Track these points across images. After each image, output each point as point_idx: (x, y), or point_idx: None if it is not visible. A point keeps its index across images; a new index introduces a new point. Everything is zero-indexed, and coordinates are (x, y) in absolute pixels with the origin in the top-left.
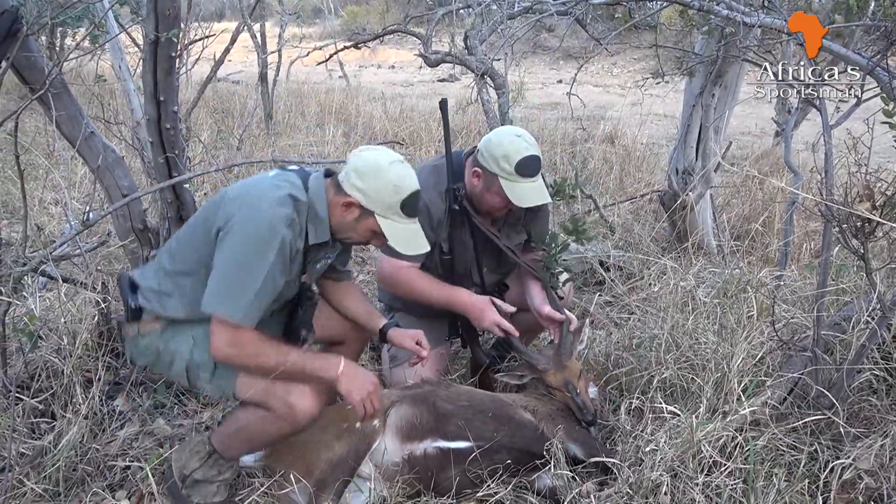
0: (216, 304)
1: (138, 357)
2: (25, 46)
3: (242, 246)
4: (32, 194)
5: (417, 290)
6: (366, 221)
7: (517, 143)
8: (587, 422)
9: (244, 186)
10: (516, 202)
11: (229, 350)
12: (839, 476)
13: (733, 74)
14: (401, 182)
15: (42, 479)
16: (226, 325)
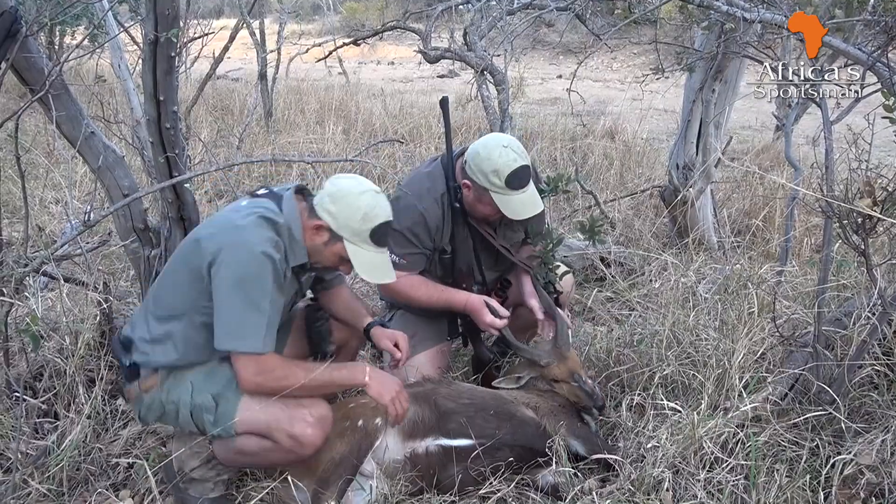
0: (233, 342)
1: (147, 415)
2: (25, 47)
3: (240, 283)
4: (33, 193)
5: (415, 297)
6: (334, 246)
7: (505, 156)
8: (598, 408)
9: (221, 222)
10: (510, 216)
11: (258, 379)
12: (840, 471)
13: (733, 70)
14: (371, 211)
15: (46, 478)
16: (247, 357)
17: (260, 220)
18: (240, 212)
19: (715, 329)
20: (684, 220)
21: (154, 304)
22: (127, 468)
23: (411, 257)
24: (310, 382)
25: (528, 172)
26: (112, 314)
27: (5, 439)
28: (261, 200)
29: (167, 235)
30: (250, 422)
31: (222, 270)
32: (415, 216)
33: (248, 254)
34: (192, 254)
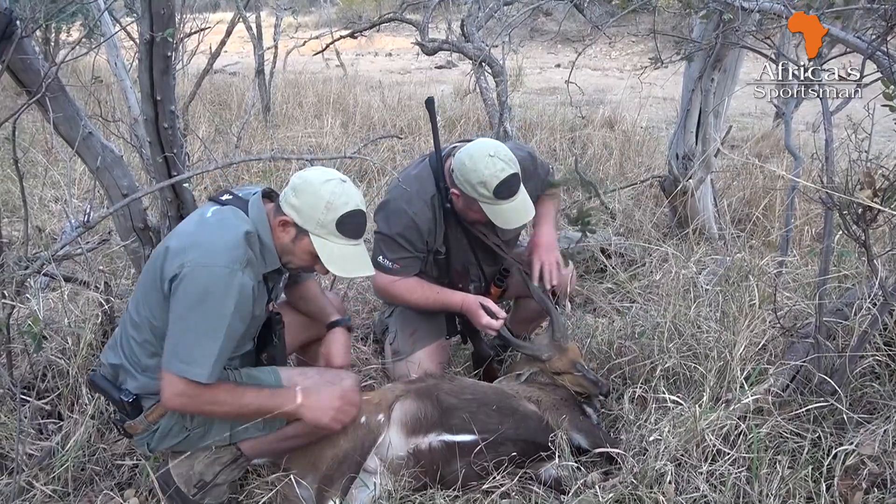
0: (180, 367)
1: (161, 443)
2: (20, 48)
3: (198, 306)
4: (32, 192)
5: (412, 301)
6: (301, 242)
7: (492, 166)
8: (604, 394)
9: (187, 238)
10: (501, 225)
11: (182, 400)
12: (842, 462)
13: (732, 58)
14: (334, 199)
15: (51, 479)
16: (181, 382)
17: (228, 236)
18: (207, 226)
19: (716, 321)
20: (684, 210)
21: (134, 328)
22: (131, 468)
23: (404, 262)
24: (237, 411)
25: (517, 180)
26: (114, 314)
27: (10, 441)
28: (227, 211)
29: (167, 233)
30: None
31: (181, 288)
32: (405, 221)
33: (211, 276)
34: (156, 270)
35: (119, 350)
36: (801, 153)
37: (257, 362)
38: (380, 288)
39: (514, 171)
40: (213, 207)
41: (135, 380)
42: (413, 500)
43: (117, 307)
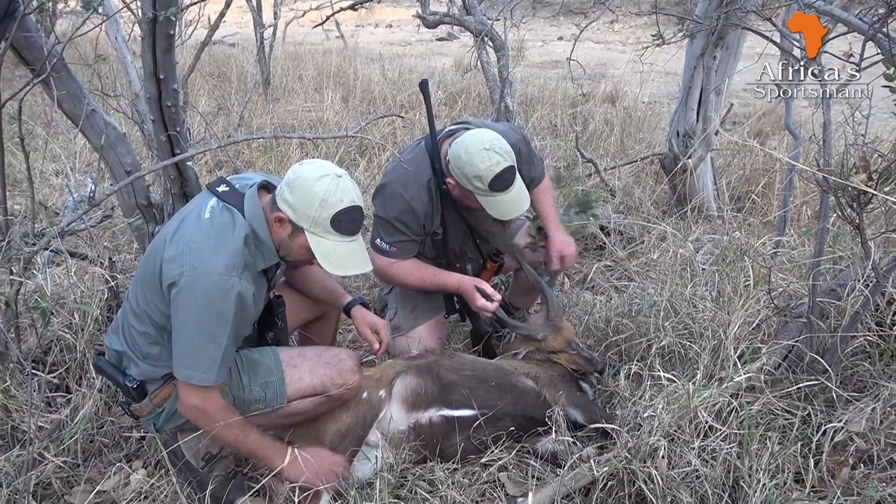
0: (188, 373)
1: (167, 423)
2: (23, 25)
3: (199, 314)
4: (33, 166)
5: (409, 283)
6: (297, 238)
7: (488, 160)
8: (599, 371)
9: (186, 242)
10: (496, 216)
11: (196, 413)
12: (831, 439)
13: (735, 35)
14: (329, 197)
15: (61, 451)
16: (194, 389)
17: (226, 242)
18: (204, 231)
19: (712, 300)
20: (684, 188)
21: (135, 318)
22: (139, 440)
23: (401, 245)
24: (235, 444)
25: (512, 173)
26: (118, 290)
27: (20, 413)
28: (223, 212)
29: (170, 211)
30: (304, 389)
31: (181, 297)
32: (402, 205)
33: (210, 284)
34: (155, 270)
35: (121, 336)
36: (801, 132)
37: (261, 342)
38: (378, 269)
39: (510, 163)
40: (210, 203)
41: (137, 366)
42: (413, 472)
43: (122, 283)
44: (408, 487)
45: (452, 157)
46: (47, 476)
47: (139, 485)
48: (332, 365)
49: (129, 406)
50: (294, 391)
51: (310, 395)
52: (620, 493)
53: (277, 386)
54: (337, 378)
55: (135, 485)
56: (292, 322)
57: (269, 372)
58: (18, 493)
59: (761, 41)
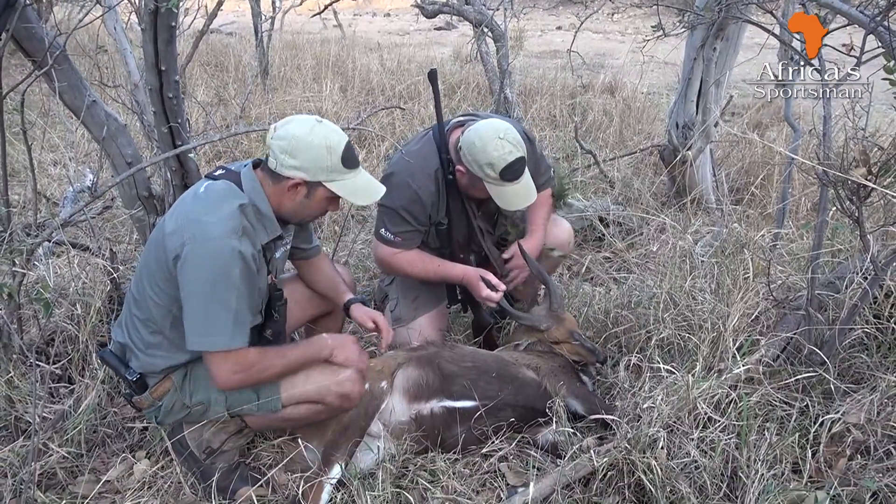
0: (203, 341)
1: (166, 418)
2: (24, 17)
3: (205, 280)
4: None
5: (413, 273)
6: (316, 193)
7: (501, 148)
8: (601, 361)
9: (184, 215)
10: (504, 206)
11: (237, 377)
12: (828, 430)
13: (735, 27)
14: (330, 142)
15: (64, 441)
16: (220, 355)
17: (223, 208)
18: (201, 201)
19: (711, 292)
20: (683, 179)
21: (136, 306)
22: (142, 430)
23: (406, 235)
24: (287, 369)
25: (522, 164)
26: (119, 282)
27: (23, 404)
28: (218, 184)
29: (171, 202)
30: (298, 395)
31: (187, 267)
32: (409, 194)
33: (212, 249)
34: (158, 250)
35: (124, 329)
36: (800, 124)
37: (261, 340)
38: (381, 260)
39: (521, 154)
40: (206, 183)
41: (137, 359)
42: (415, 463)
43: (123, 275)
44: (409, 478)
45: (465, 144)
46: (52, 466)
47: (143, 475)
48: (332, 372)
49: (131, 398)
50: (287, 396)
51: (304, 402)
52: (620, 483)
53: (272, 388)
54: (334, 387)
55: (139, 475)
56: (300, 317)
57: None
58: (23, 483)
59: (761, 32)
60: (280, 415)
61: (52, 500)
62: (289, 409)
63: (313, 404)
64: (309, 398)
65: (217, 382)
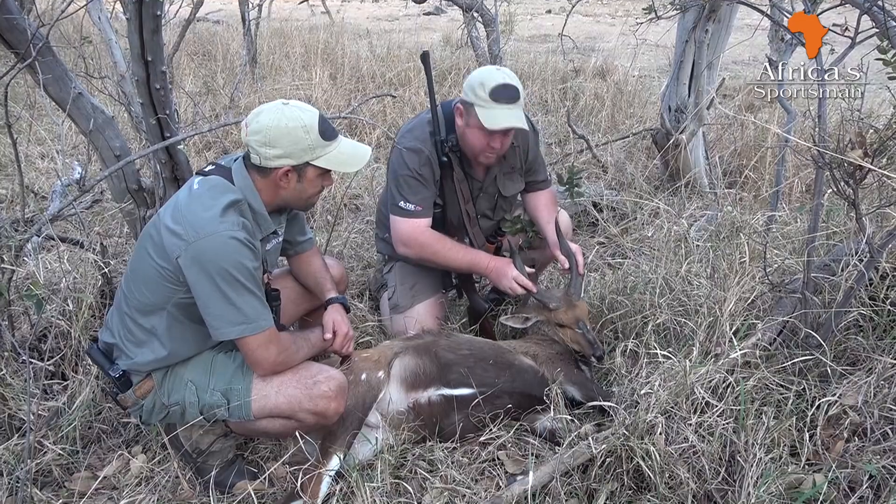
0: (242, 328)
1: (150, 417)
2: (5, 8)
3: (223, 274)
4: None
5: (441, 252)
6: (306, 174)
7: (496, 74)
8: (597, 357)
9: (183, 215)
10: (488, 125)
11: (279, 358)
12: (825, 412)
13: (727, 9)
14: (303, 121)
15: (60, 438)
16: (260, 339)
17: (219, 203)
18: (196, 198)
19: (707, 277)
20: (676, 163)
21: (127, 304)
22: (137, 426)
23: (425, 202)
24: (310, 351)
25: (515, 94)
26: (111, 276)
27: (16, 401)
28: (212, 180)
29: (162, 195)
30: (270, 408)
31: (196, 267)
32: (422, 158)
33: (218, 243)
34: (157, 248)
35: (113, 329)
36: (793, 106)
37: None
38: (406, 236)
39: (516, 86)
40: (198, 179)
41: (125, 357)
42: (413, 452)
43: (115, 269)
44: (408, 468)
45: (465, 82)
46: (47, 464)
47: (140, 470)
48: (305, 387)
49: (116, 396)
50: (258, 408)
51: (276, 415)
52: (618, 469)
53: (243, 393)
54: (306, 402)
55: (135, 470)
56: (294, 311)
57: (233, 376)
58: (20, 481)
59: (751, 13)
60: (256, 426)
61: (48, 497)
62: (263, 421)
63: (286, 420)
64: (281, 412)
65: (262, 367)
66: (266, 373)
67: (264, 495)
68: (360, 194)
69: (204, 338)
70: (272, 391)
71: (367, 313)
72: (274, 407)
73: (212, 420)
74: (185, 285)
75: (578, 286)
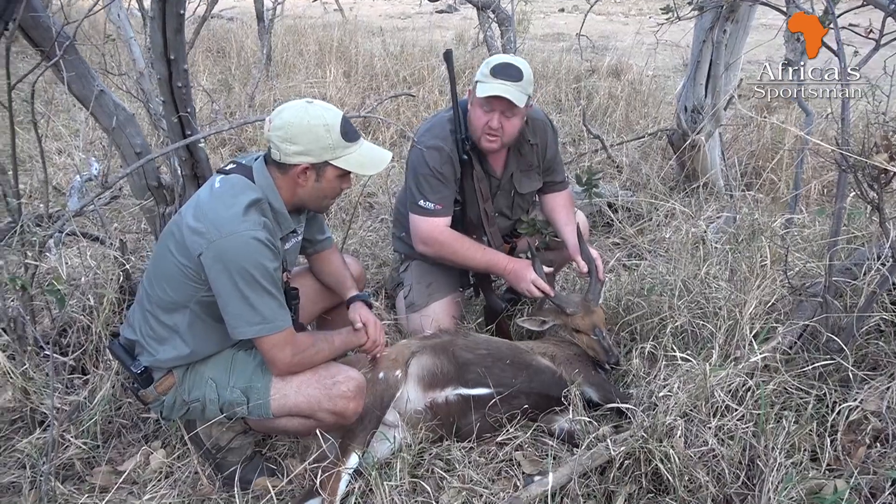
0: (258, 328)
1: (171, 413)
2: (30, 6)
3: (243, 274)
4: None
5: (460, 251)
6: (325, 174)
7: (502, 56)
8: (611, 364)
9: (204, 214)
10: (478, 94)
11: (294, 359)
12: (846, 418)
13: (745, 8)
14: (326, 120)
15: (80, 433)
16: (276, 340)
17: (240, 202)
18: (218, 197)
19: (726, 280)
20: (692, 164)
21: (149, 301)
22: (157, 421)
23: (445, 200)
24: (332, 353)
25: (516, 73)
26: (130, 273)
27: (38, 395)
28: (233, 179)
29: (181, 192)
30: (289, 407)
31: (218, 266)
32: (443, 156)
33: (239, 243)
34: (179, 246)
35: (134, 326)
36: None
37: None
38: (425, 235)
39: (519, 67)
40: (219, 177)
41: (147, 353)
42: (430, 452)
43: (134, 265)
44: (425, 467)
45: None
46: (69, 458)
47: (159, 465)
48: (325, 387)
49: (137, 391)
50: (277, 407)
51: (295, 414)
52: (637, 471)
53: (262, 391)
54: (326, 402)
55: (155, 465)
56: (313, 309)
57: (253, 374)
58: (42, 474)
59: (768, 13)
60: (275, 424)
61: (70, 491)
62: (283, 419)
63: (305, 419)
64: (300, 412)
65: (277, 368)
66: (281, 373)
67: (283, 492)
68: (374, 192)
69: (225, 336)
70: (292, 390)
71: (382, 312)
72: (293, 406)
73: (232, 417)
74: (207, 283)
75: (597, 292)
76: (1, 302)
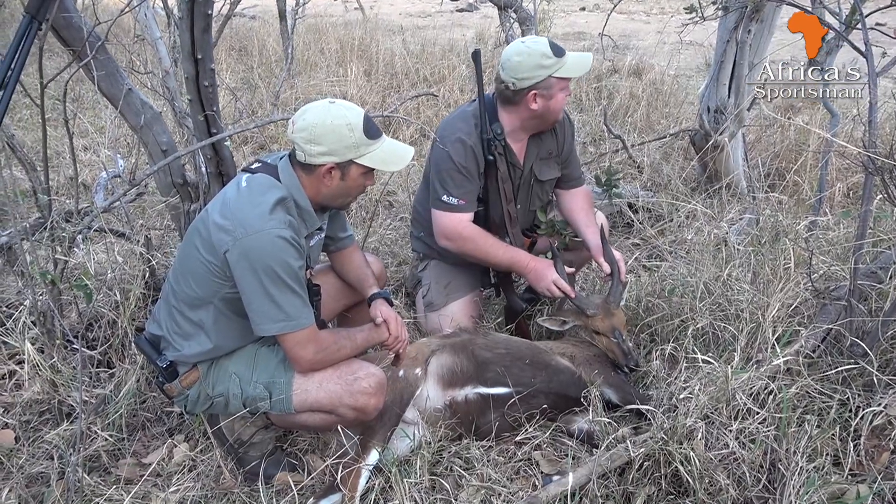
0: (282, 325)
1: (194, 408)
2: (62, 6)
3: (268, 272)
4: (61, 141)
5: (483, 248)
6: (349, 172)
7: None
8: (630, 368)
9: (231, 212)
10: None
11: (317, 357)
12: (869, 423)
13: (771, 8)
14: (348, 119)
15: (106, 425)
16: (299, 337)
17: (267, 201)
18: (245, 196)
19: (748, 282)
20: (715, 165)
21: (175, 297)
22: (180, 415)
23: (468, 196)
24: (354, 350)
25: (554, 43)
26: (155, 268)
27: (66, 388)
28: (259, 178)
29: (206, 189)
30: (310, 402)
31: (244, 263)
32: (467, 151)
33: (265, 241)
34: (205, 243)
35: (160, 321)
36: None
37: None
38: (449, 230)
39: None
40: (245, 176)
41: (173, 349)
42: (449, 450)
43: (160, 261)
44: (444, 465)
45: (511, 70)
46: (96, 450)
47: (183, 458)
48: (346, 383)
49: (162, 385)
50: (299, 402)
51: (316, 410)
52: (656, 473)
53: (285, 387)
54: (347, 398)
55: (179, 458)
56: (334, 306)
57: (276, 370)
58: (70, 465)
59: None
60: (296, 419)
61: (96, 482)
62: (304, 415)
63: (327, 414)
64: (321, 407)
65: (300, 365)
66: (303, 370)
67: (304, 487)
68: (394, 191)
69: (249, 331)
70: (313, 386)
71: (402, 310)
72: (315, 402)
73: (255, 412)
74: (232, 280)
75: (618, 294)
76: (31, 296)
